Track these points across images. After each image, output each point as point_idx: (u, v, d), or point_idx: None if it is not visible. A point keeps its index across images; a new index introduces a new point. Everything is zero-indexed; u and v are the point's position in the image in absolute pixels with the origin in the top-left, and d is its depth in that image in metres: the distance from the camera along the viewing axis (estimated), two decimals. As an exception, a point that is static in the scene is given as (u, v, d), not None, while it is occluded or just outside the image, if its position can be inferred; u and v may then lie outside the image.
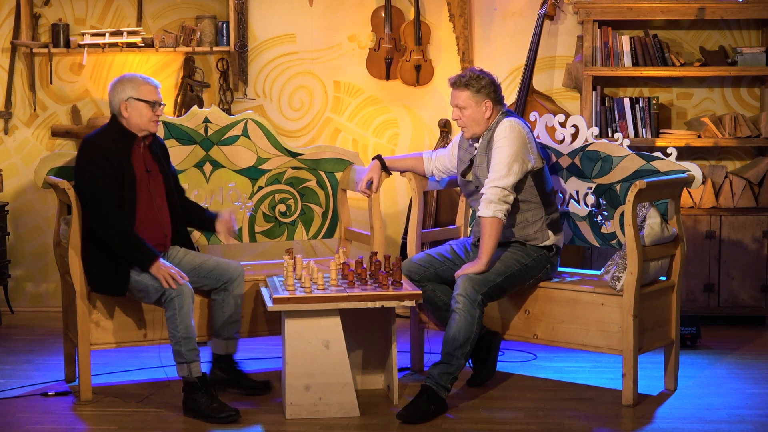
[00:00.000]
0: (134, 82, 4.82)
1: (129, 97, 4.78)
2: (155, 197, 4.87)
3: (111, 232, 4.69)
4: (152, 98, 4.81)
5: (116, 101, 4.81)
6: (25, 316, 6.71)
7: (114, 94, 4.82)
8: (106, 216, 4.68)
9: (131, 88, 4.80)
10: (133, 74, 4.89)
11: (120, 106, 4.79)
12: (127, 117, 4.79)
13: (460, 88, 4.92)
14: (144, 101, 4.78)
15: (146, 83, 4.83)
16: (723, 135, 6.36)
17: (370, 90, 6.77)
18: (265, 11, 6.73)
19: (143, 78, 4.85)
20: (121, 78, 4.86)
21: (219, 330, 4.95)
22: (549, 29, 6.61)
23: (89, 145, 4.80)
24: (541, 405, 4.83)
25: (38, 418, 4.66)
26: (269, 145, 5.52)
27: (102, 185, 4.70)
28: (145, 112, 4.80)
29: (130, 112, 4.79)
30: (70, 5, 6.75)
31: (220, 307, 4.92)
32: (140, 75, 4.88)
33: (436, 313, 5.07)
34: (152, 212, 4.85)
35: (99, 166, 4.71)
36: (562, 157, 5.20)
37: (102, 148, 4.74)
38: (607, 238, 5.14)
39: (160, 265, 4.67)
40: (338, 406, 4.64)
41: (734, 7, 6.26)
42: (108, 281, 4.78)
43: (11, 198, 6.78)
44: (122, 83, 4.83)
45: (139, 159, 4.83)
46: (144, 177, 4.83)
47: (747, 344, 5.91)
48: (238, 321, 4.96)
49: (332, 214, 5.66)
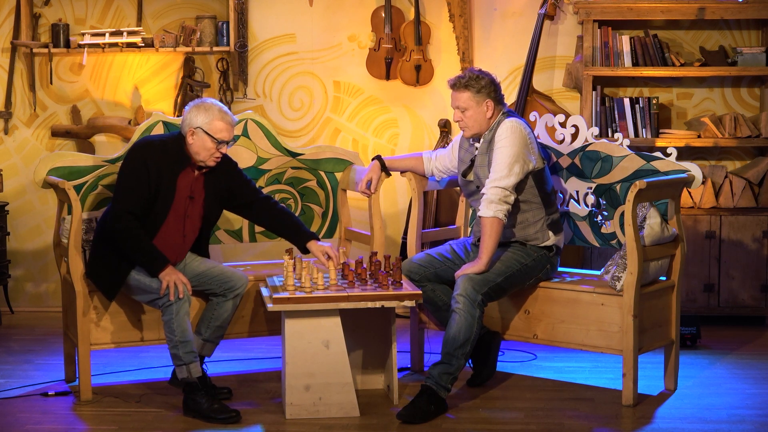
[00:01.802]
0: (211, 113, 4.69)
1: (199, 126, 4.69)
2: (187, 224, 4.81)
3: (124, 237, 4.65)
4: (221, 137, 4.70)
5: (186, 124, 4.71)
6: (25, 316, 6.71)
7: (188, 115, 4.71)
8: (123, 221, 4.64)
9: (205, 118, 4.69)
10: (213, 104, 4.73)
11: (188, 131, 4.71)
12: (190, 143, 4.72)
13: (460, 89, 4.92)
14: (211, 137, 4.70)
15: (221, 121, 4.69)
16: (723, 135, 6.36)
17: (370, 90, 6.77)
18: (265, 11, 6.73)
19: (221, 112, 4.71)
20: (201, 103, 4.73)
21: (203, 329, 4.90)
22: (549, 29, 6.61)
23: (141, 146, 4.74)
24: (541, 405, 4.83)
25: (38, 418, 4.66)
26: (269, 145, 5.52)
27: (130, 190, 4.66)
28: (209, 146, 4.69)
29: (194, 140, 4.70)
30: (70, 5, 6.75)
31: (212, 309, 4.90)
32: (219, 107, 4.73)
33: (436, 313, 5.07)
34: (176, 237, 4.80)
35: (137, 170, 4.66)
36: (562, 157, 5.20)
37: (150, 155, 4.67)
38: (607, 238, 5.14)
39: (169, 271, 4.65)
40: (338, 406, 4.64)
41: (734, 7, 6.26)
42: (103, 280, 4.77)
43: (11, 198, 6.78)
44: (199, 109, 4.70)
45: (187, 182, 4.75)
46: (183, 202, 4.76)
47: (747, 344, 5.91)
48: (223, 327, 4.92)
49: (332, 214, 5.66)
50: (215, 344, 4.94)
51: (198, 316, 4.99)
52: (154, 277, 4.67)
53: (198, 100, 4.78)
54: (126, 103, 6.76)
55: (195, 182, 4.79)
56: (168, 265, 4.66)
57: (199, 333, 4.92)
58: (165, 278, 4.63)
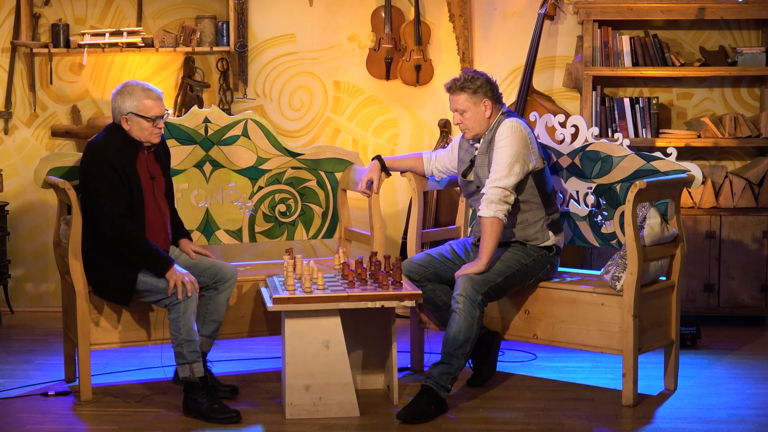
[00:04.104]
0: (135, 96, 4.72)
1: (129, 112, 4.72)
2: (159, 202, 4.85)
3: (125, 242, 4.65)
4: (153, 114, 4.73)
5: (117, 113, 4.75)
6: (25, 316, 6.71)
7: (115, 104, 4.75)
8: (119, 226, 4.64)
9: (131, 102, 4.71)
10: (135, 85, 4.76)
11: (120, 118, 4.74)
12: (128, 129, 4.75)
13: (456, 92, 4.92)
14: (145, 117, 4.73)
15: (147, 98, 4.73)
16: (723, 135, 6.36)
17: (370, 90, 6.77)
18: (265, 11, 6.73)
19: (144, 91, 4.74)
20: (122, 89, 4.76)
21: (199, 325, 4.89)
22: (549, 29, 6.61)
23: (95, 152, 4.74)
24: (541, 405, 4.83)
25: (38, 418, 4.66)
26: (269, 145, 5.52)
27: (112, 195, 4.66)
28: (146, 126, 4.73)
29: (131, 126, 4.74)
30: (70, 5, 6.75)
31: (206, 304, 4.89)
32: (141, 86, 4.76)
33: (436, 313, 5.07)
34: (158, 217, 4.84)
35: (107, 175, 4.66)
36: (562, 157, 5.20)
37: (108, 157, 4.68)
38: (607, 238, 5.14)
39: (174, 270, 4.66)
40: (338, 406, 4.64)
41: (734, 7, 6.26)
42: (113, 290, 4.77)
43: (11, 198, 6.78)
44: (122, 96, 4.74)
45: (143, 165, 4.79)
46: (149, 183, 4.80)
47: (747, 344, 5.91)
48: (219, 321, 4.92)
49: (332, 214, 5.66)
50: (213, 339, 4.94)
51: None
52: (160, 277, 4.67)
53: (119, 87, 4.79)
54: (126, 103, 6.76)
55: (149, 161, 4.83)
56: (172, 264, 4.67)
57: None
58: (172, 278, 4.64)
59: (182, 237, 5.05)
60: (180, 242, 5.02)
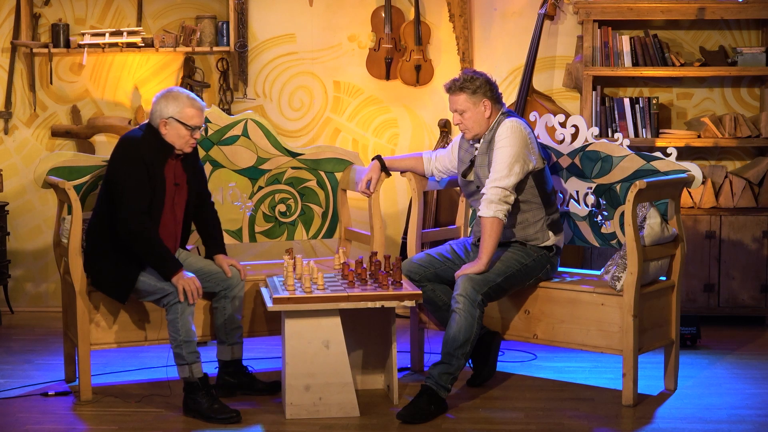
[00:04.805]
0: (180, 102, 4.71)
1: (170, 116, 4.70)
2: (176, 210, 4.83)
3: (141, 239, 4.64)
4: (193, 123, 4.72)
5: (157, 116, 4.72)
6: (25, 316, 6.71)
7: (157, 106, 4.73)
8: (139, 223, 4.63)
9: (174, 108, 4.70)
10: (180, 92, 4.75)
11: (159, 122, 4.72)
12: (164, 134, 4.73)
13: (456, 92, 4.92)
14: (184, 125, 4.72)
15: (191, 107, 4.72)
16: (723, 135, 6.36)
17: (370, 90, 6.77)
18: (265, 11, 6.73)
19: (189, 99, 4.73)
20: (167, 93, 4.75)
21: (222, 336, 4.94)
22: (549, 29, 6.61)
23: (130, 145, 4.72)
24: (541, 405, 4.83)
25: (38, 418, 4.66)
26: (269, 145, 5.52)
27: (137, 190, 4.65)
28: (184, 134, 4.72)
29: (168, 131, 4.72)
30: (70, 5, 6.75)
31: (222, 315, 4.92)
32: (187, 94, 4.75)
33: (436, 313, 5.07)
34: (171, 224, 4.83)
35: (136, 168, 4.66)
36: (562, 157, 5.20)
37: (141, 151, 4.68)
38: (607, 238, 5.14)
39: (182, 275, 4.65)
40: (338, 406, 4.64)
41: (734, 7, 6.26)
42: (112, 285, 4.77)
43: (11, 198, 6.78)
44: (167, 99, 4.72)
45: (170, 170, 4.78)
46: (172, 189, 4.78)
47: (747, 344, 5.91)
48: (239, 326, 4.95)
49: (332, 214, 5.66)
50: (240, 344, 4.96)
51: (201, 318, 5.00)
52: (167, 280, 4.67)
53: (164, 91, 4.78)
54: (126, 103, 6.76)
55: (176, 168, 4.81)
56: (181, 268, 4.66)
57: (222, 342, 4.94)
58: (179, 282, 4.63)
59: (218, 252, 4.97)
60: (215, 258, 4.95)
